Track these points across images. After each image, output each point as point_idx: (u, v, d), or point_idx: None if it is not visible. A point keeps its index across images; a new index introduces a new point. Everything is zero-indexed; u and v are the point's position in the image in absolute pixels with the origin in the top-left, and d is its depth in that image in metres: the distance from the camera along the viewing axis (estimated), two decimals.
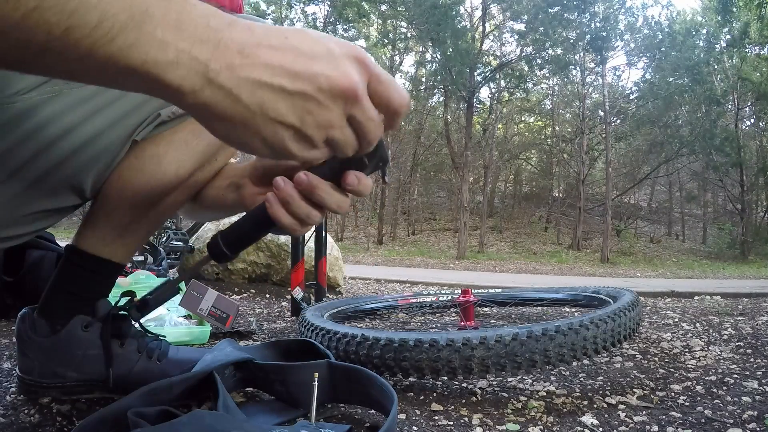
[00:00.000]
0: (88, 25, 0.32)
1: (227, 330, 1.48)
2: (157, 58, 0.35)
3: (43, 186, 0.66)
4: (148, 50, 0.34)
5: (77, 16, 0.31)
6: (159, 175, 0.76)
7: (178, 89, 0.37)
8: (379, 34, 21.27)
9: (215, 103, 0.38)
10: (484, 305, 1.98)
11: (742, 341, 1.42)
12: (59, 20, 0.31)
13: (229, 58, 0.37)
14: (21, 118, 0.60)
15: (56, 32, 0.31)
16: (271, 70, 0.39)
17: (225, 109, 0.38)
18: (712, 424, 0.80)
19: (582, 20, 17.14)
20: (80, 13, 0.31)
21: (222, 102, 0.38)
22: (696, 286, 7.06)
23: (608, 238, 16.58)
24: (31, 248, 1.55)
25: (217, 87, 0.37)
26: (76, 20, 0.31)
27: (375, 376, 0.80)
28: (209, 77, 0.37)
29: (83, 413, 0.81)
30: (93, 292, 0.84)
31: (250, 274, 2.85)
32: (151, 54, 0.35)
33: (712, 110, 18.57)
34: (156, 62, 0.35)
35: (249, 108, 0.39)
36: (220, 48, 0.37)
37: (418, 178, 24.59)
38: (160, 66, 0.35)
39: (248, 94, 0.38)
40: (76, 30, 0.32)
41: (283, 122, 0.40)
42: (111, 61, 0.34)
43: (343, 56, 0.41)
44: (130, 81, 0.36)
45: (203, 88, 0.37)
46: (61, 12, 0.31)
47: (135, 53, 0.34)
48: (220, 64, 0.37)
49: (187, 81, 0.36)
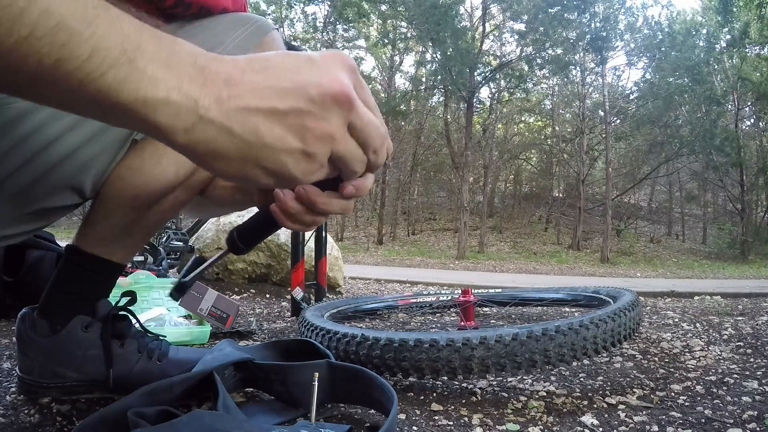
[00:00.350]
0: (78, 59, 0.31)
1: (227, 330, 1.48)
2: (147, 95, 0.34)
3: (42, 186, 0.66)
4: (139, 87, 0.34)
5: (68, 48, 0.31)
6: (159, 175, 0.76)
7: (170, 129, 0.36)
8: (379, 34, 21.27)
9: (209, 140, 0.37)
10: (484, 305, 1.98)
11: (742, 341, 1.42)
12: (50, 51, 0.31)
13: (217, 91, 0.37)
14: (18, 120, 0.60)
15: (47, 62, 0.31)
16: (258, 93, 0.38)
17: (220, 145, 0.37)
18: (712, 424, 0.80)
19: (582, 20, 17.14)
20: (71, 45, 0.31)
21: (216, 138, 0.37)
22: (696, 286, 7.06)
23: (608, 238, 16.58)
24: (31, 248, 1.55)
25: (208, 123, 0.36)
26: (67, 52, 0.31)
27: (375, 376, 0.80)
28: (200, 114, 0.36)
29: (83, 413, 0.81)
30: (93, 292, 0.84)
31: (250, 274, 2.85)
32: (142, 91, 0.34)
33: (712, 110, 18.58)
34: (146, 100, 0.34)
35: (244, 138, 0.37)
36: (207, 83, 0.36)
37: (418, 178, 24.59)
38: (150, 104, 0.34)
39: (240, 125, 0.37)
40: (67, 62, 0.31)
41: (282, 146, 0.39)
42: (101, 96, 0.33)
43: (328, 62, 0.40)
44: (121, 117, 0.35)
45: (194, 126, 0.36)
46: (52, 43, 0.30)
47: (125, 90, 0.33)
48: (209, 100, 0.36)
49: (179, 120, 0.36)
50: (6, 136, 0.60)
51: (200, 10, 0.77)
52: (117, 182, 0.75)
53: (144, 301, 1.54)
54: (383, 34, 21.01)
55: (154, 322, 1.39)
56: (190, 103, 0.36)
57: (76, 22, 0.31)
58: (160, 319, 1.42)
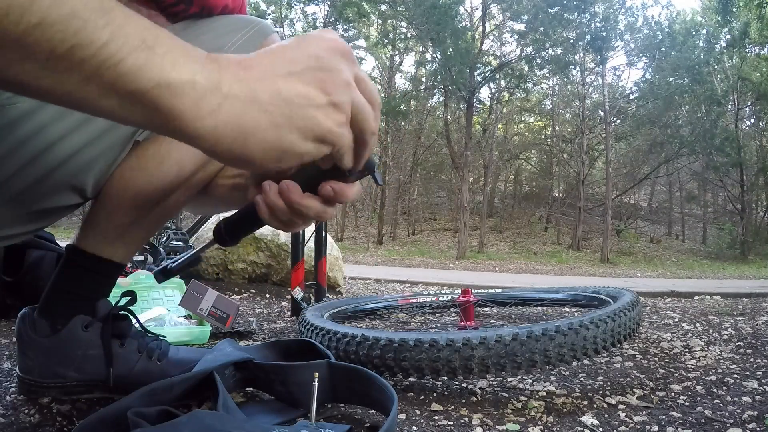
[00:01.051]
0: (94, 44, 0.31)
1: (227, 330, 1.48)
2: (171, 78, 0.34)
3: (44, 186, 0.66)
4: (162, 70, 0.33)
5: (84, 35, 0.30)
6: (161, 175, 0.76)
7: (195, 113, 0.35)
8: (379, 34, 21.27)
9: (238, 115, 0.37)
10: (484, 305, 1.98)
11: (742, 341, 1.42)
12: (63, 38, 0.30)
13: (233, 72, 0.38)
14: (21, 120, 0.60)
15: (60, 50, 0.30)
16: (271, 66, 0.39)
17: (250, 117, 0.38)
18: (712, 424, 0.80)
19: (582, 20, 17.14)
20: (87, 31, 0.30)
21: (244, 111, 0.37)
22: (696, 286, 7.06)
23: (608, 238, 16.58)
24: (31, 248, 1.55)
25: (234, 99, 0.37)
26: (83, 38, 0.30)
27: (375, 376, 0.80)
28: (224, 92, 0.36)
29: (83, 413, 0.81)
30: (93, 292, 0.84)
31: (250, 274, 2.85)
32: (165, 74, 0.33)
33: (712, 110, 18.58)
34: (170, 83, 0.34)
35: (272, 103, 0.38)
36: (223, 68, 0.37)
37: (418, 178, 24.59)
38: (174, 87, 0.34)
39: (264, 91, 0.38)
40: (83, 49, 0.30)
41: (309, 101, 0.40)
42: (119, 82, 0.32)
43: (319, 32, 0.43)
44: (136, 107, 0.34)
45: (221, 106, 0.36)
46: (65, 30, 0.30)
47: (146, 75, 0.33)
48: (229, 79, 0.37)
49: (204, 102, 0.35)
50: (8, 136, 0.60)
51: (201, 10, 0.77)
52: (119, 182, 0.75)
53: (144, 301, 1.54)
54: (383, 34, 21.01)
55: (154, 322, 1.39)
56: (215, 82, 0.36)
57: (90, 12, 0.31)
58: (160, 319, 1.42)
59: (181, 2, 0.74)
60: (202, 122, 0.36)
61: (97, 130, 0.67)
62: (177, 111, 0.35)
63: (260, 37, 0.79)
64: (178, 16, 0.77)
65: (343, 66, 0.41)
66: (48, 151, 0.63)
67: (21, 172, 0.63)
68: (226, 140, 0.38)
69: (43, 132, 0.62)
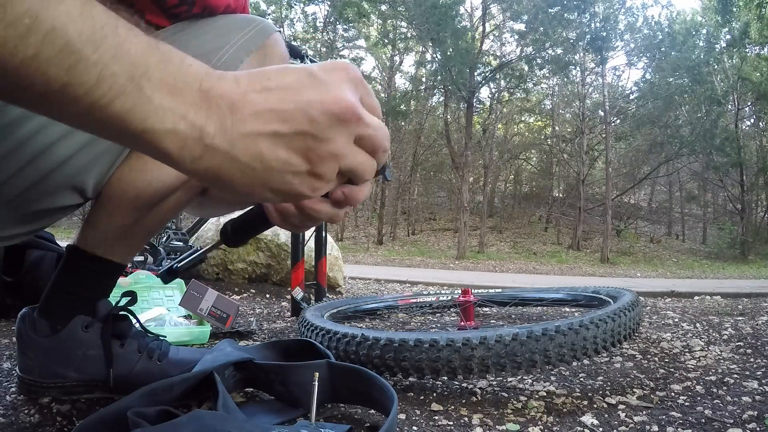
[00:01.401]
0: (85, 84, 0.31)
1: (227, 330, 1.48)
2: (155, 126, 0.34)
3: (44, 186, 0.66)
4: (147, 117, 0.33)
5: (75, 73, 0.30)
6: (161, 176, 0.76)
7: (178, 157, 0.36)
8: (379, 34, 21.27)
9: (215, 168, 0.37)
10: (484, 305, 1.98)
11: (742, 341, 1.42)
12: (57, 74, 0.30)
13: (222, 117, 0.36)
14: (19, 122, 0.60)
15: (54, 86, 0.30)
16: (261, 117, 0.37)
17: (226, 172, 0.37)
18: (712, 424, 0.80)
19: (582, 20, 17.15)
20: (79, 69, 0.30)
21: (222, 166, 0.37)
22: (696, 286, 7.06)
23: (608, 238, 16.58)
24: (31, 248, 1.55)
25: (214, 151, 0.36)
26: (74, 77, 0.30)
27: (375, 376, 0.80)
28: (206, 143, 0.36)
29: (83, 413, 0.81)
30: (94, 292, 0.84)
31: (250, 274, 2.85)
32: (149, 122, 0.34)
33: (712, 110, 18.58)
34: (154, 131, 0.34)
35: (249, 165, 0.37)
36: (212, 109, 0.36)
37: (418, 178, 24.59)
38: (158, 134, 0.34)
39: (244, 152, 0.37)
40: (75, 87, 0.30)
41: (288, 169, 0.39)
42: (110, 123, 0.33)
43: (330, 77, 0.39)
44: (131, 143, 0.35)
45: (202, 156, 0.36)
46: (59, 65, 0.30)
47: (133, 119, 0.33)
48: (214, 127, 0.36)
49: (186, 150, 0.36)
50: (8, 136, 0.60)
51: (204, 10, 0.77)
52: (119, 183, 0.75)
53: (144, 301, 1.54)
54: (383, 34, 21.01)
55: (154, 322, 1.39)
56: (197, 133, 0.35)
57: (83, 45, 0.30)
58: (160, 319, 1.42)
59: (184, 3, 0.74)
60: (186, 166, 0.37)
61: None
62: (164, 152, 0.36)
63: (262, 36, 0.78)
64: (180, 17, 0.77)
65: (338, 135, 0.39)
66: (48, 152, 0.63)
67: (21, 172, 0.63)
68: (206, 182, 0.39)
69: (44, 132, 0.62)
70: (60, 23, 0.29)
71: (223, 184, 0.39)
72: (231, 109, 0.36)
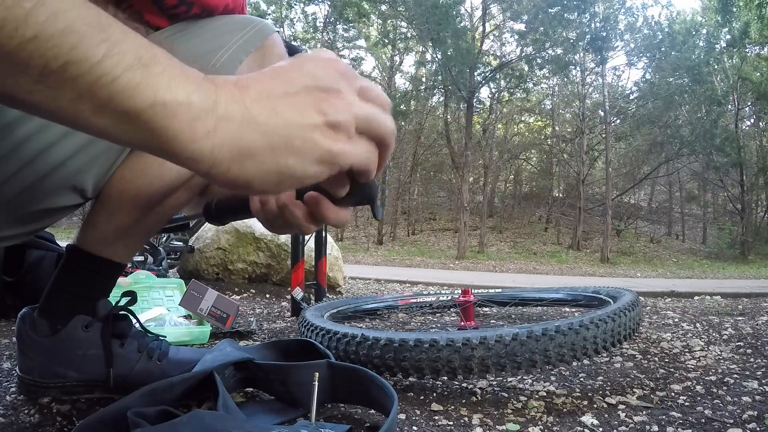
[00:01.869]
0: (89, 61, 0.30)
1: (227, 330, 1.48)
2: (166, 98, 0.33)
3: (44, 186, 0.66)
4: (157, 90, 0.32)
5: (79, 51, 0.30)
6: (161, 176, 0.76)
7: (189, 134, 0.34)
8: (379, 34, 21.27)
9: (234, 137, 0.36)
10: (484, 305, 1.98)
11: (742, 341, 1.42)
12: (58, 53, 0.29)
13: (229, 92, 0.37)
14: (18, 122, 0.60)
15: (53, 66, 0.29)
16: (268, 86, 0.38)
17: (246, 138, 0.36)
18: (712, 424, 0.80)
19: (582, 20, 17.14)
20: (83, 47, 0.30)
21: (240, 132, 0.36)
22: (696, 286, 7.06)
23: (608, 238, 16.58)
24: (31, 248, 1.55)
25: (230, 120, 0.36)
26: (77, 54, 0.30)
27: (375, 376, 0.80)
28: (220, 114, 0.35)
29: (83, 413, 0.81)
30: (94, 292, 0.84)
31: (250, 274, 2.85)
32: (160, 94, 0.33)
33: (712, 110, 18.58)
34: (165, 103, 0.33)
35: (268, 123, 0.37)
36: (220, 87, 0.36)
37: (418, 178, 24.58)
38: (169, 108, 0.33)
39: (260, 110, 0.37)
40: (76, 65, 0.30)
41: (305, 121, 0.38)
42: (112, 102, 0.32)
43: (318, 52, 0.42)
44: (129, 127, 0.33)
45: (216, 127, 0.35)
46: (59, 45, 0.29)
47: (141, 94, 0.32)
48: (226, 99, 0.36)
49: (200, 122, 0.34)
50: (8, 136, 0.60)
51: (202, 11, 0.77)
52: (119, 183, 0.75)
53: (144, 301, 1.54)
54: (383, 34, 21.00)
55: (154, 322, 1.39)
56: (210, 103, 0.35)
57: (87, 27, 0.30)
58: (160, 319, 1.42)
59: (182, 3, 0.74)
60: (198, 144, 0.35)
61: None
62: (172, 132, 0.34)
63: (260, 37, 0.78)
64: (179, 17, 0.77)
65: (342, 84, 0.40)
66: (48, 151, 0.63)
67: (21, 172, 0.63)
68: (223, 163, 0.37)
69: (44, 132, 0.62)
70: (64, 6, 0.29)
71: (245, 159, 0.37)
72: (238, 87, 0.37)
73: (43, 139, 0.62)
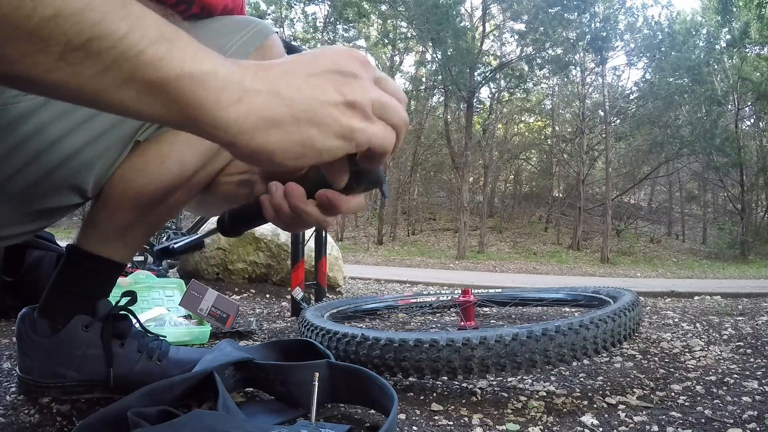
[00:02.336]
0: (113, 36, 0.30)
1: (227, 330, 1.48)
2: (193, 69, 0.34)
3: (44, 185, 0.66)
4: (184, 61, 0.33)
5: (102, 26, 0.30)
6: (162, 175, 0.76)
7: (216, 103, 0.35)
8: (379, 34, 21.26)
9: (259, 108, 0.37)
10: (484, 305, 1.98)
11: (742, 341, 1.42)
12: (80, 30, 0.29)
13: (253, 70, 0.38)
14: (21, 120, 0.60)
15: (76, 42, 0.30)
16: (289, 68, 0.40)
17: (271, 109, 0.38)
18: (712, 424, 0.80)
19: (582, 20, 17.14)
20: (106, 23, 0.30)
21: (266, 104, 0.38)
22: (696, 286, 7.05)
23: (608, 238, 16.57)
24: (31, 248, 1.55)
25: (255, 92, 0.37)
26: (101, 30, 0.30)
27: (375, 376, 0.80)
28: (245, 86, 0.37)
29: (83, 413, 0.81)
30: (94, 292, 0.84)
31: (250, 274, 2.85)
32: (187, 65, 0.33)
33: (712, 110, 18.58)
34: (192, 74, 0.34)
35: (292, 97, 0.39)
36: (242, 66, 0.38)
37: (418, 178, 24.58)
38: (196, 78, 0.34)
39: (285, 85, 0.39)
40: (100, 40, 0.30)
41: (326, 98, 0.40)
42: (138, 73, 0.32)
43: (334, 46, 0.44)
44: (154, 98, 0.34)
45: (242, 98, 0.36)
46: (81, 22, 0.29)
47: (167, 66, 0.33)
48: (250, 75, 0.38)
49: (227, 92, 0.35)
50: (9, 136, 0.60)
51: (202, 10, 0.77)
52: (119, 182, 0.75)
53: (144, 301, 1.54)
54: (383, 34, 21.00)
55: (154, 322, 1.39)
56: (236, 77, 0.36)
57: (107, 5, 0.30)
58: (160, 319, 1.42)
59: (182, 2, 0.74)
60: (224, 112, 0.36)
61: (98, 129, 0.66)
62: (198, 101, 0.35)
63: (260, 37, 0.78)
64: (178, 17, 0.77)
65: (361, 71, 0.43)
66: (49, 151, 0.63)
67: (21, 171, 0.63)
68: (247, 132, 0.37)
69: (44, 131, 0.62)
70: None
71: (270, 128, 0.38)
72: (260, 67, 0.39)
73: (45, 138, 0.62)
